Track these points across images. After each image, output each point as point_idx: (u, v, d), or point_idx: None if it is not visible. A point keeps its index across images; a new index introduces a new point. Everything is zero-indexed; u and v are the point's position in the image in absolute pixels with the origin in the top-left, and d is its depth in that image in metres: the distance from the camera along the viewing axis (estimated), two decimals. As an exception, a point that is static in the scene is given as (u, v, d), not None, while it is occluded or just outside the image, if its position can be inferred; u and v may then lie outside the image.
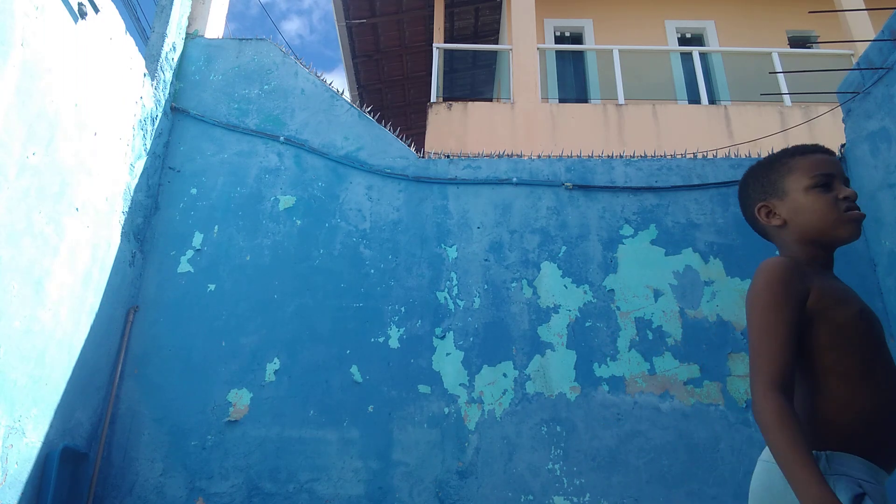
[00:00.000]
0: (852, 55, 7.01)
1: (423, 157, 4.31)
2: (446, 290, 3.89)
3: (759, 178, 1.56)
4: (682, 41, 8.77)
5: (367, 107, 4.59)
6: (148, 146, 4.04)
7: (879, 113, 3.84)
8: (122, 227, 3.73)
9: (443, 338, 3.76)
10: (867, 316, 1.37)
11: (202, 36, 4.69)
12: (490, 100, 10.68)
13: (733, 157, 4.25)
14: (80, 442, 3.34)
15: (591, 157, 4.31)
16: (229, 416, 3.57)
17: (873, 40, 3.92)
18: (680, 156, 4.37)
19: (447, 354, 3.72)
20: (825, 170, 1.46)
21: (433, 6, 8.75)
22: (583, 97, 7.74)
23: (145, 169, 3.99)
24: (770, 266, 1.39)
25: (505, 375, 3.67)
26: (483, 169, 4.24)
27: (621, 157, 4.31)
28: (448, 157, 4.32)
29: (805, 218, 1.46)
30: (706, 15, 8.80)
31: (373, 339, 3.76)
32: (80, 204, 3.30)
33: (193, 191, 4.15)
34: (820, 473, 1.14)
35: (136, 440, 3.52)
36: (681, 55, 7.79)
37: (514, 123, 6.47)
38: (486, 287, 3.90)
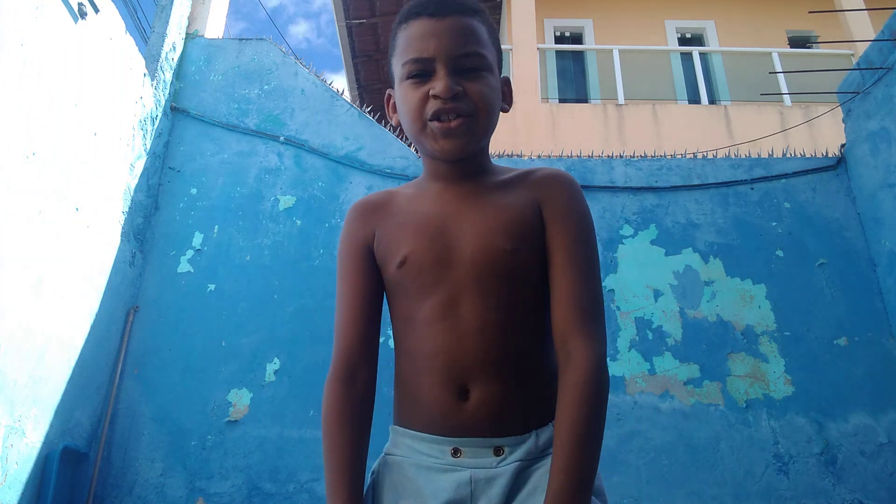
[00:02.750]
0: (852, 55, 7.02)
1: (423, 157, 4.31)
2: (446, 290, 3.89)
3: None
4: (682, 41, 8.77)
5: (368, 107, 4.59)
6: (148, 146, 4.04)
7: (879, 113, 3.83)
8: (122, 227, 3.72)
9: (443, 338, 3.76)
10: (418, 258, 1.01)
11: (202, 36, 4.69)
12: (490, 100, 10.66)
13: (733, 157, 4.24)
14: (80, 442, 3.34)
15: (591, 157, 4.30)
16: (229, 416, 3.56)
17: (873, 40, 3.92)
18: (680, 156, 4.37)
19: (447, 354, 3.72)
20: (421, 52, 0.94)
21: (433, 6, 8.74)
22: (583, 97, 7.73)
23: (145, 169, 3.99)
24: None
25: (505, 375, 3.67)
26: (483, 169, 4.24)
27: (621, 157, 4.30)
28: (448, 157, 4.31)
29: (402, 121, 1.02)
30: (706, 15, 8.80)
31: (373, 339, 3.75)
32: (80, 204, 3.30)
33: (193, 191, 4.15)
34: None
35: (136, 440, 3.51)
36: (681, 55, 7.79)
37: (513, 123, 6.46)
38: (486, 287, 3.90)
